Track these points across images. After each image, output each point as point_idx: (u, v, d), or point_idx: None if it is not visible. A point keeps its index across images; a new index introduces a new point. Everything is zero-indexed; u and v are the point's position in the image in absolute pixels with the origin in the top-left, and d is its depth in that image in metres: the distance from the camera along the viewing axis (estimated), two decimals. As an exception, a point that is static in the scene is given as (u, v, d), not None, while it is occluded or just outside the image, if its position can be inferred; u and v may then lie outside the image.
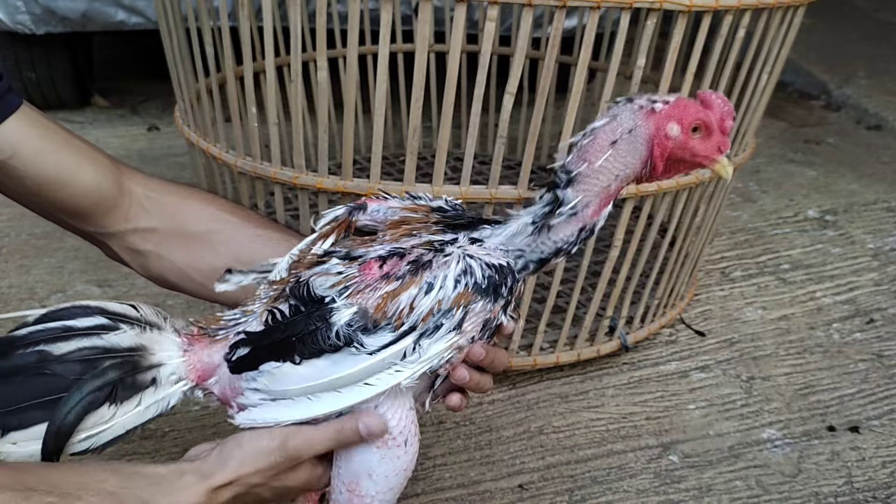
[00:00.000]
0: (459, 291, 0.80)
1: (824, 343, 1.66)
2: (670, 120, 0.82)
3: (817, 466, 1.32)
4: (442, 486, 1.24)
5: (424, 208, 0.90)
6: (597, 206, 0.84)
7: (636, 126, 0.82)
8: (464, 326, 0.81)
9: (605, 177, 0.83)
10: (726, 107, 0.84)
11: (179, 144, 2.41)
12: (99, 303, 0.82)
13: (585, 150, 0.83)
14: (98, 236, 1.00)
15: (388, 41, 1.11)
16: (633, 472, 1.29)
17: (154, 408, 0.82)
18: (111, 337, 0.79)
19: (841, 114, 3.11)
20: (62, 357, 0.77)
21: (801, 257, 2.00)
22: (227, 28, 1.30)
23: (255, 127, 1.31)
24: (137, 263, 1.01)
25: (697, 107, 0.83)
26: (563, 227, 0.84)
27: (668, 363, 1.56)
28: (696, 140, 0.83)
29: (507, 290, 0.83)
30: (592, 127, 0.84)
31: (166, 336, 0.84)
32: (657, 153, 0.83)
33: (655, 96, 0.84)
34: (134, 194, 0.98)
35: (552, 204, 0.84)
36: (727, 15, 1.23)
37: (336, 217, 0.91)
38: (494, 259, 0.82)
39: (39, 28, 2.38)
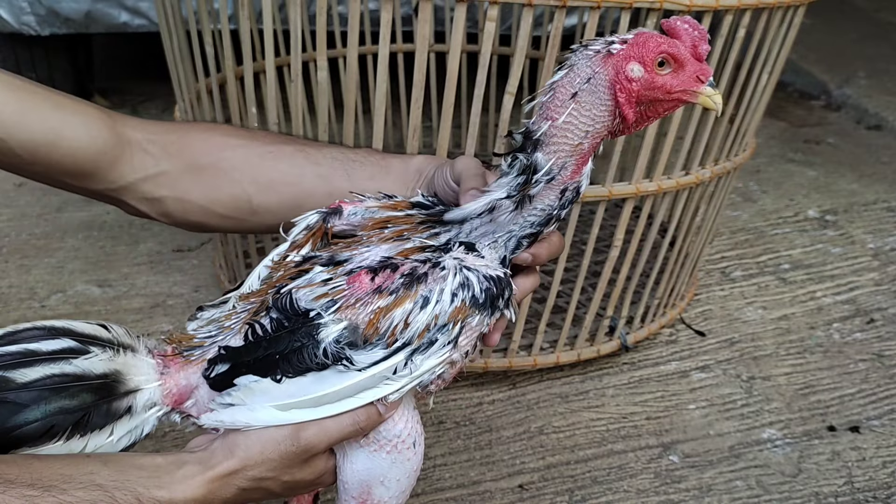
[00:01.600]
0: (457, 306, 0.75)
1: (825, 343, 1.65)
2: (629, 60, 0.73)
3: (818, 466, 1.32)
4: (442, 486, 1.24)
5: (404, 205, 0.84)
6: (574, 166, 0.77)
7: (594, 73, 0.74)
8: (459, 341, 0.77)
9: (572, 134, 0.75)
10: (696, 31, 0.74)
11: (179, 144, 2.40)
12: (65, 323, 0.75)
13: (546, 107, 0.75)
14: (111, 193, 0.93)
15: (388, 41, 1.11)
16: (634, 472, 1.29)
17: (127, 437, 0.76)
18: (81, 362, 0.72)
19: (841, 114, 3.11)
20: (28, 385, 0.70)
21: (801, 257, 1.99)
22: (227, 29, 1.30)
23: (256, 127, 1.31)
24: (157, 212, 0.95)
25: (659, 38, 0.74)
26: (545, 195, 0.77)
27: (668, 363, 1.56)
28: (667, 75, 0.74)
29: (504, 301, 0.79)
30: (551, 82, 0.76)
31: (141, 359, 0.78)
32: (622, 99, 0.74)
33: (614, 37, 0.75)
34: (134, 141, 0.92)
35: (525, 171, 0.76)
36: (727, 15, 1.23)
37: (308, 225, 0.85)
38: (493, 270, 0.78)
39: (44, 29, 2.39)
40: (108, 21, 2.40)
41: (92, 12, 2.37)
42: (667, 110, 0.77)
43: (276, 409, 0.77)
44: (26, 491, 0.66)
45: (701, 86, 0.75)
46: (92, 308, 1.65)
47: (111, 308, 1.66)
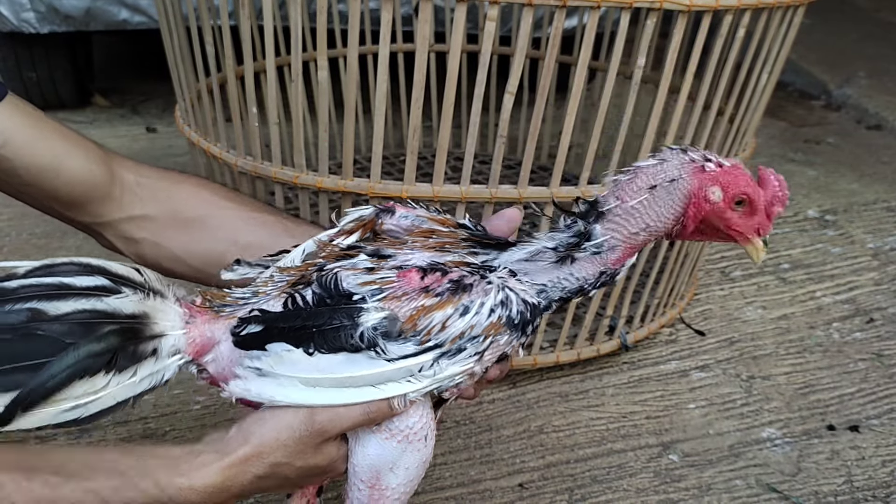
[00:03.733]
0: (492, 321, 0.79)
1: (824, 342, 1.66)
2: (716, 183, 0.78)
3: (817, 465, 1.32)
4: (442, 484, 1.24)
5: (451, 223, 0.88)
6: (622, 252, 0.81)
7: (680, 177, 0.78)
8: (485, 356, 0.80)
9: (635, 221, 0.80)
10: (781, 191, 0.80)
11: (180, 144, 2.41)
12: (101, 262, 0.76)
13: (622, 187, 0.80)
14: (93, 226, 0.98)
15: (388, 41, 1.11)
16: (633, 471, 1.29)
17: (148, 380, 0.77)
18: (113, 301, 0.73)
19: (841, 114, 3.12)
20: (60, 318, 0.70)
21: (801, 257, 2.00)
22: (227, 27, 1.30)
23: (256, 127, 1.31)
24: (132, 251, 0.99)
25: (750, 180, 0.79)
26: (585, 265, 0.82)
27: (668, 362, 1.57)
28: (737, 213, 0.79)
29: (533, 329, 0.82)
30: (636, 165, 0.80)
31: (169, 305, 0.79)
32: (692, 212, 0.79)
33: (713, 155, 0.80)
34: (126, 182, 0.97)
35: (579, 236, 0.81)
36: (727, 15, 1.23)
37: (361, 216, 0.89)
38: (530, 297, 0.81)
39: (44, 27, 2.39)
40: (108, 18, 2.40)
41: (92, 9, 2.37)
42: (716, 238, 0.83)
43: (303, 384, 0.79)
44: (50, 478, 0.68)
45: (757, 238, 0.81)
46: (92, 307, 1.65)
47: (112, 307, 1.66)
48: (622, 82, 1.70)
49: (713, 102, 1.39)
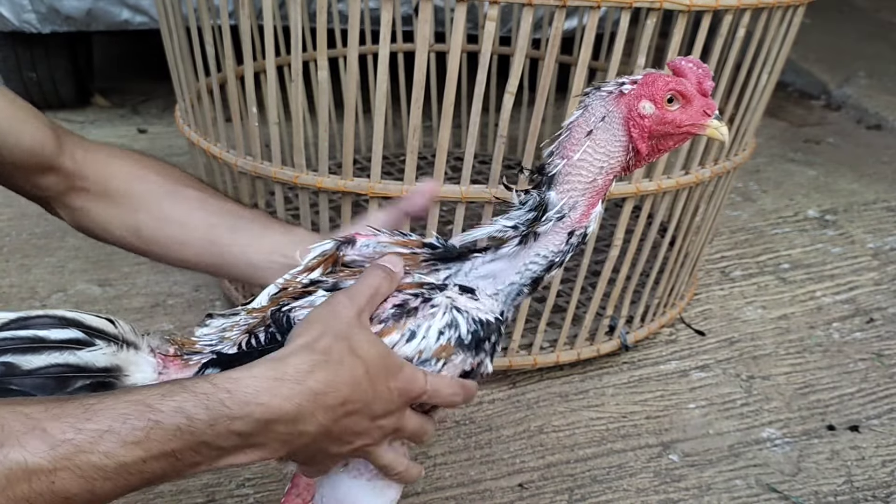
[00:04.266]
0: (441, 344, 0.77)
1: (824, 342, 1.66)
2: (641, 98, 0.78)
3: (817, 465, 1.32)
4: (442, 484, 1.24)
5: (415, 243, 0.86)
6: (585, 206, 0.80)
7: (608, 112, 0.79)
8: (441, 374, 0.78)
9: (587, 171, 0.79)
10: (700, 69, 0.80)
11: (180, 144, 2.41)
12: (75, 314, 0.75)
13: (562, 146, 0.80)
14: (43, 199, 1.00)
15: (388, 41, 1.11)
16: (633, 471, 1.29)
17: None
18: (85, 354, 0.72)
19: (841, 113, 3.12)
20: (32, 372, 0.69)
21: (800, 257, 2.00)
22: (227, 27, 1.30)
23: (256, 126, 1.31)
24: (69, 218, 1.02)
25: (667, 78, 0.79)
26: (551, 237, 0.80)
27: (668, 362, 1.57)
28: (676, 111, 0.79)
29: (492, 345, 0.81)
30: (567, 122, 0.80)
31: (142, 356, 0.78)
32: (636, 134, 0.79)
33: (624, 78, 0.80)
34: (76, 156, 0.99)
35: (536, 209, 0.79)
36: (727, 14, 1.23)
37: (323, 252, 0.87)
38: (482, 314, 0.80)
39: (45, 27, 2.39)
40: (110, 19, 2.40)
41: (93, 10, 2.37)
42: (676, 143, 0.82)
43: None
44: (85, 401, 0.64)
45: (708, 119, 0.80)
46: (92, 307, 1.66)
47: (111, 307, 1.66)
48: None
49: (713, 102, 1.39)
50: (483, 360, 0.82)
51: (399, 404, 0.75)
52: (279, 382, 0.68)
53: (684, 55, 1.28)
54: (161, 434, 0.63)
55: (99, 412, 0.63)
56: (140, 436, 0.62)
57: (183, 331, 1.59)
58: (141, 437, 0.62)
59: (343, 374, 0.71)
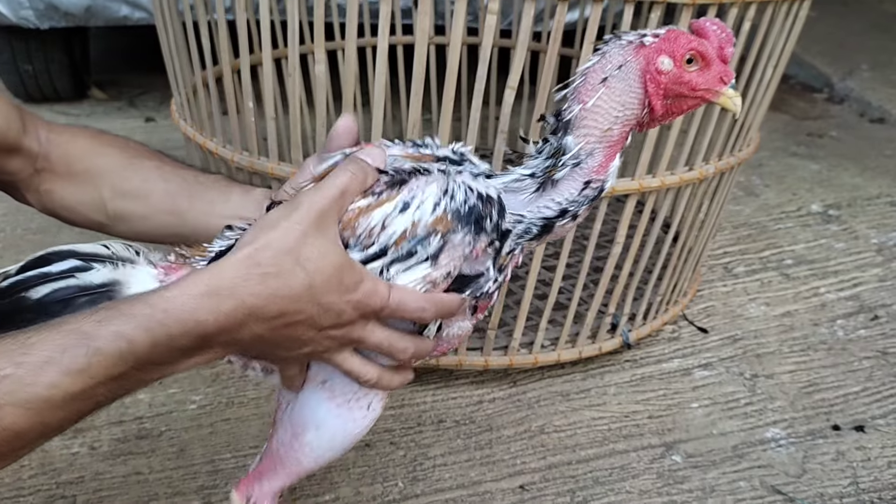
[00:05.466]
0: (437, 215, 0.73)
1: (828, 340, 1.64)
2: (661, 53, 0.76)
3: (822, 466, 1.30)
4: (442, 486, 1.22)
5: (428, 157, 0.82)
6: (602, 156, 0.78)
7: (626, 62, 0.77)
8: (440, 259, 0.74)
9: (602, 118, 0.77)
10: (723, 33, 0.78)
11: (177, 137, 2.37)
12: (69, 246, 0.79)
13: (578, 91, 0.78)
14: (12, 184, 0.99)
15: (387, 34, 1.09)
16: (636, 473, 1.27)
17: None
18: (84, 276, 0.76)
19: (844, 107, 3.09)
20: (40, 301, 0.74)
21: (804, 252, 1.98)
22: (223, 20, 1.27)
23: (252, 122, 1.29)
24: (36, 201, 1.01)
25: (690, 37, 0.77)
26: (567, 183, 0.78)
27: (670, 361, 1.55)
28: (694, 72, 0.77)
29: (493, 226, 0.76)
30: (583, 68, 0.78)
31: (140, 269, 0.79)
32: (651, 90, 0.77)
33: (646, 31, 0.78)
34: (40, 139, 0.98)
35: (553, 156, 0.78)
36: (732, 8, 1.21)
37: (335, 163, 0.83)
38: (481, 187, 0.76)
39: (43, 23, 2.37)
40: (109, 15, 2.38)
41: (92, 6, 2.35)
42: (690, 107, 0.80)
43: None
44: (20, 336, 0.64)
45: (723, 86, 0.78)
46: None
47: (107, 304, 1.64)
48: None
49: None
50: (487, 248, 0.76)
51: (354, 317, 0.74)
52: (214, 298, 0.68)
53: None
54: (103, 360, 0.64)
55: (35, 345, 0.63)
56: (83, 363, 0.63)
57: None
58: (84, 365, 0.63)
59: (280, 287, 0.69)
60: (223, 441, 1.29)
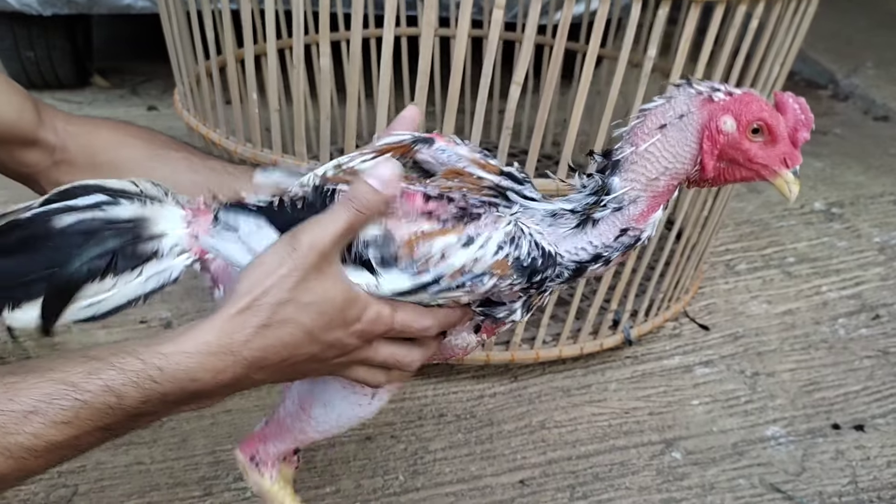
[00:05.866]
0: (499, 259, 0.72)
1: (829, 339, 1.64)
2: (727, 112, 0.72)
3: (821, 465, 1.30)
4: (442, 480, 1.23)
5: (493, 168, 0.80)
6: (645, 205, 0.75)
7: (689, 112, 0.73)
8: (479, 294, 0.73)
9: (652, 166, 0.74)
10: (804, 114, 0.74)
11: (180, 126, 2.36)
12: (98, 181, 0.78)
13: (634, 132, 0.75)
14: (28, 176, 0.99)
15: (392, 28, 1.08)
16: (636, 469, 1.27)
17: (155, 279, 0.76)
18: (111, 209, 0.75)
19: (848, 104, 3.08)
20: (64, 230, 0.73)
21: (806, 250, 1.97)
22: (227, 9, 1.27)
23: (256, 113, 1.28)
24: None
25: (764, 106, 0.73)
26: (606, 227, 0.76)
27: (671, 357, 1.55)
28: (756, 144, 0.73)
29: (539, 281, 0.75)
30: (644, 107, 0.76)
31: (169, 208, 0.79)
32: (706, 147, 0.73)
33: (722, 85, 0.74)
34: (57, 130, 0.98)
35: (596, 193, 0.75)
36: (740, 5, 1.20)
37: (400, 140, 0.82)
38: (545, 243, 0.74)
39: (46, 10, 2.37)
40: (112, 3, 2.38)
41: None
42: (743, 178, 0.76)
43: None
44: (6, 379, 0.63)
45: (784, 169, 0.74)
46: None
47: (108, 293, 1.64)
48: (629, 70, 1.67)
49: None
50: (523, 297, 0.76)
51: (359, 344, 0.74)
52: (213, 357, 0.67)
53: (694, 44, 1.26)
54: (91, 413, 0.63)
55: (21, 392, 0.62)
56: (69, 416, 0.62)
57: (180, 318, 1.57)
58: (70, 417, 0.62)
59: (281, 337, 0.69)
60: (224, 432, 1.29)
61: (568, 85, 1.93)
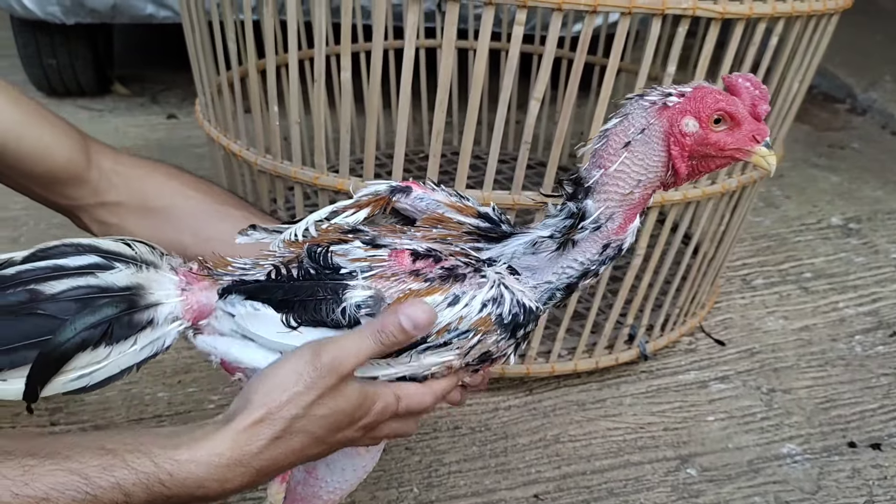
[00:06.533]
0: (482, 317, 0.75)
1: (846, 356, 1.63)
2: (685, 114, 0.73)
3: (837, 484, 1.29)
4: (456, 493, 1.23)
5: (471, 211, 0.83)
6: (622, 219, 0.77)
7: (648, 124, 0.74)
8: (470, 352, 0.77)
9: (624, 183, 0.75)
10: (757, 90, 0.74)
11: (199, 135, 2.39)
12: (91, 240, 0.77)
13: (599, 154, 0.76)
14: (69, 209, 1.01)
15: (413, 44, 1.09)
16: (651, 485, 1.27)
17: (149, 348, 0.76)
18: (106, 276, 0.74)
19: (866, 118, 3.07)
20: (55, 296, 0.71)
21: (823, 266, 1.96)
22: (249, 21, 1.28)
23: (276, 126, 1.29)
24: (103, 234, 1.00)
25: (717, 95, 0.73)
26: (588, 245, 0.78)
27: (687, 373, 1.54)
28: (722, 132, 0.73)
29: (523, 334, 0.79)
30: (604, 129, 0.76)
31: (163, 275, 0.79)
32: (675, 152, 0.74)
33: (671, 88, 0.75)
34: (103, 168, 0.99)
35: (573, 217, 0.77)
36: (760, 23, 1.20)
37: (377, 192, 0.85)
38: (526, 299, 0.78)
39: (69, 19, 2.40)
40: (134, 13, 2.41)
41: (118, 4, 2.38)
42: (720, 165, 0.77)
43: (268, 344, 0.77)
44: (26, 461, 0.65)
45: (756, 145, 0.74)
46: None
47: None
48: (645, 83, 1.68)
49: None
50: (509, 349, 0.80)
51: (364, 433, 0.78)
52: (224, 468, 0.69)
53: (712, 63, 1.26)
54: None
55: (38, 477, 0.64)
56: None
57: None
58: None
59: (291, 446, 0.72)
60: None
61: (584, 96, 1.93)
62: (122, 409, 1.35)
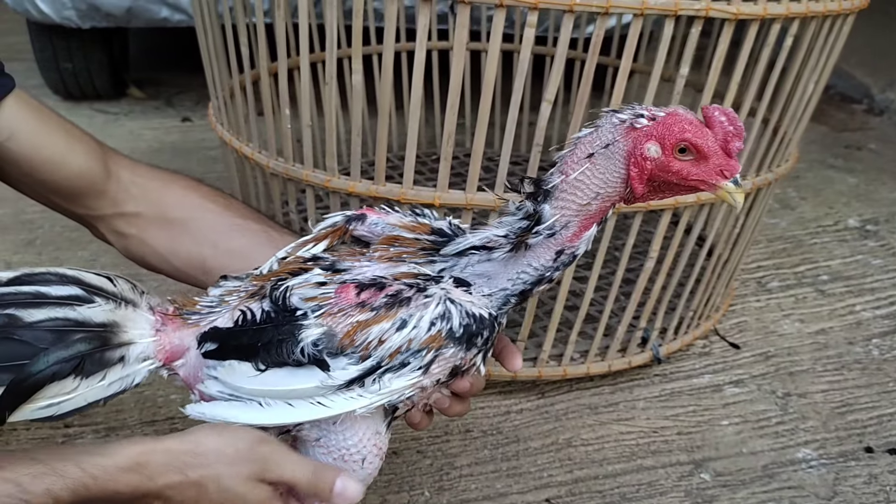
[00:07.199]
0: (432, 334, 0.78)
1: (863, 359, 1.61)
2: (650, 139, 0.74)
3: (853, 490, 1.28)
4: (467, 497, 1.22)
5: (424, 228, 0.86)
6: (577, 227, 0.78)
7: (614, 141, 0.75)
8: (431, 369, 0.79)
9: (582, 193, 0.76)
10: (731, 126, 0.74)
11: (212, 137, 2.40)
12: (75, 272, 0.80)
13: (564, 161, 0.77)
14: (87, 218, 1.01)
15: (424, 46, 1.09)
16: (664, 490, 1.26)
17: (118, 384, 0.80)
18: (84, 310, 0.77)
19: (883, 119, 3.04)
20: (33, 325, 0.75)
21: (840, 268, 1.94)
22: (262, 24, 1.28)
23: (289, 129, 1.29)
24: (120, 245, 1.03)
25: (686, 125, 0.73)
26: (542, 251, 0.80)
27: (701, 376, 1.53)
28: (686, 162, 0.74)
29: (483, 340, 0.81)
30: (577, 136, 0.78)
31: (140, 314, 0.82)
32: (634, 174, 0.75)
33: (644, 110, 0.75)
34: (121, 179, 0.99)
35: (529, 218, 0.78)
36: (775, 23, 1.19)
37: (333, 223, 0.90)
38: (476, 308, 0.80)
39: (85, 23, 2.42)
40: (149, 16, 2.42)
41: (133, 8, 2.39)
42: (683, 192, 0.78)
43: (251, 394, 0.80)
44: None
45: (722, 180, 0.75)
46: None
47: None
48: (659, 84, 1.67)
49: (758, 110, 1.35)
50: (475, 358, 0.82)
51: None
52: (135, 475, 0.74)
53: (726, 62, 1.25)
54: None
55: None
56: None
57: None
58: None
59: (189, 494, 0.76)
60: None
61: (597, 97, 1.92)
62: (134, 411, 1.36)
